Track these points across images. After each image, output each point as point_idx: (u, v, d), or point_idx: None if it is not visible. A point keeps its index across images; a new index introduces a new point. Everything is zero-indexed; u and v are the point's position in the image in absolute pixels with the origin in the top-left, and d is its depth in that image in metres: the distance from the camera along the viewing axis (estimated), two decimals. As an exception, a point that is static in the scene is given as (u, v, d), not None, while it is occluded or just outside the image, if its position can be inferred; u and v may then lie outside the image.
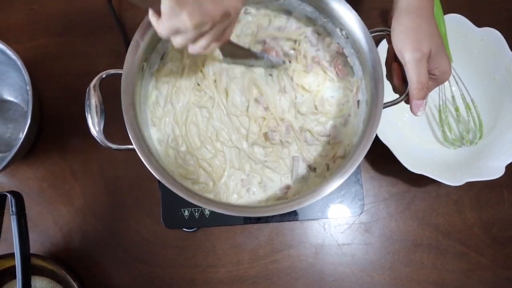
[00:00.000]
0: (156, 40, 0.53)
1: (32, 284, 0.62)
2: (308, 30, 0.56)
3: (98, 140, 0.47)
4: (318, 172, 0.54)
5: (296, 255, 0.67)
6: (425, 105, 0.45)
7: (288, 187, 0.55)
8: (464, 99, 0.68)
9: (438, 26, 0.47)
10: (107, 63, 0.73)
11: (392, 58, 0.49)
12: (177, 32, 0.37)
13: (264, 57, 0.55)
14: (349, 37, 0.52)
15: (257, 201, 0.54)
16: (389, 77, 0.51)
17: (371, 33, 0.50)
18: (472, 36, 0.68)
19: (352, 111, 0.54)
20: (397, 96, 0.50)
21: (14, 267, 0.53)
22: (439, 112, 0.69)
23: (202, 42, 0.39)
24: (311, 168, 0.55)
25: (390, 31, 0.48)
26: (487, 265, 0.67)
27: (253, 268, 0.67)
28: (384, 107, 0.47)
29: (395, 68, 0.49)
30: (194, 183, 0.54)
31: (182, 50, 0.56)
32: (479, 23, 0.67)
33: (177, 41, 0.38)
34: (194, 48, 0.39)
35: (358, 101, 0.54)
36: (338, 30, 0.53)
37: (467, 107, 0.68)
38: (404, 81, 0.49)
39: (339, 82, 0.56)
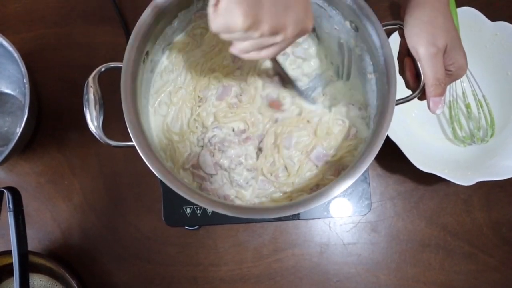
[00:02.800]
0: (158, 32, 0.51)
1: (30, 281, 0.61)
2: None
3: (96, 136, 0.46)
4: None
5: (301, 254, 0.66)
6: (444, 102, 0.43)
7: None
8: (475, 95, 0.66)
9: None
10: (107, 55, 0.71)
11: (405, 53, 0.47)
12: (227, 30, 0.35)
13: (303, 95, 0.54)
14: (359, 30, 0.49)
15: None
16: (402, 72, 0.48)
17: (382, 26, 0.47)
18: (485, 30, 0.65)
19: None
20: (409, 92, 0.48)
21: (12, 264, 0.52)
22: (449, 108, 0.67)
23: (244, 45, 0.38)
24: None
25: (402, 25, 0.46)
26: (496, 266, 0.66)
27: (256, 267, 0.66)
28: (396, 104, 0.45)
29: (407, 63, 0.47)
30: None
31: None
32: (492, 17, 0.65)
33: (224, 36, 0.37)
34: (234, 48, 0.39)
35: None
36: (347, 23, 0.51)
37: (479, 104, 0.66)
38: (417, 77, 0.46)
39: None
